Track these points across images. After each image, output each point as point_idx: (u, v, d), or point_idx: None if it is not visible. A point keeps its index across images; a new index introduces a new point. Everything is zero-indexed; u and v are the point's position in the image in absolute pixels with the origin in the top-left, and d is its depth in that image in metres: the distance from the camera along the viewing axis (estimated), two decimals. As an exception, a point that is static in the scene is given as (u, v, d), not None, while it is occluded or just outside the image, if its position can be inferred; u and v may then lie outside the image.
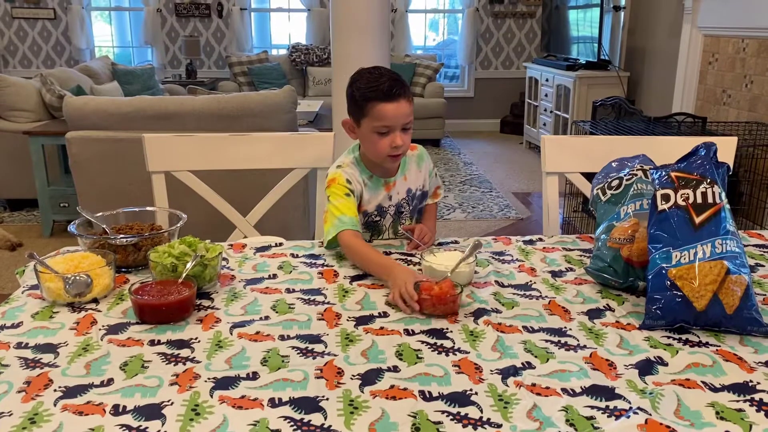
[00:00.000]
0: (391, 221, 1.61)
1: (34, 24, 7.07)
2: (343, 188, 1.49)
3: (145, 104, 3.12)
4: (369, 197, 1.56)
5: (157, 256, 1.23)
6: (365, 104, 1.46)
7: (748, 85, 3.90)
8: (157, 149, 1.70)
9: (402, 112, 1.45)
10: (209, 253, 1.27)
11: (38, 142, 3.73)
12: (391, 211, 1.60)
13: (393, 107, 1.44)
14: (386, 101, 1.44)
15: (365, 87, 1.46)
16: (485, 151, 6.53)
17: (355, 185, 1.52)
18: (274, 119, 3.15)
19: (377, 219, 1.59)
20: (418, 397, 0.91)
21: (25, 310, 1.17)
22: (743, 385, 0.94)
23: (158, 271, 1.22)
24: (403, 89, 1.46)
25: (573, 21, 6.12)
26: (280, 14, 7.57)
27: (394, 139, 1.46)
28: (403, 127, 1.47)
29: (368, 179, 1.56)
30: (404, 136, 1.47)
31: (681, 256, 1.11)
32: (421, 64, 6.84)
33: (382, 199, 1.58)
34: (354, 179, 1.52)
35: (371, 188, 1.56)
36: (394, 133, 1.46)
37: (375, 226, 1.60)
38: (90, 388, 0.93)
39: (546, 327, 1.12)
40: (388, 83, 1.44)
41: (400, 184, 1.60)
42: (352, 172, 1.53)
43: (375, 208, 1.58)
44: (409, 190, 1.62)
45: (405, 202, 1.61)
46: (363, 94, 1.46)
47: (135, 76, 5.91)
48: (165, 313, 1.12)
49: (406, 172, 1.61)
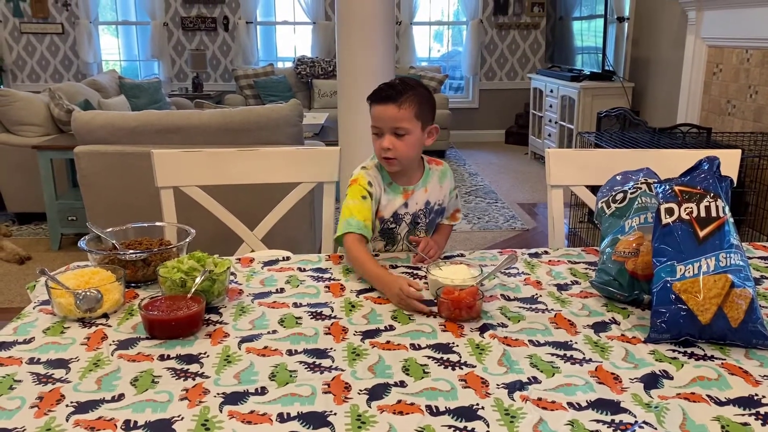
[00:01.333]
0: (406, 231, 1.62)
1: (43, 39, 7.14)
2: (362, 190, 1.54)
3: (153, 118, 3.15)
4: (386, 203, 1.59)
5: (166, 272, 1.25)
6: (369, 107, 1.56)
7: (753, 96, 3.91)
8: (166, 164, 1.72)
9: (387, 115, 1.50)
10: (218, 267, 1.29)
11: (47, 157, 3.77)
12: (407, 219, 1.61)
13: (380, 108, 1.51)
14: (377, 103, 1.52)
15: (373, 90, 1.56)
16: (490, 161, 6.54)
17: (376, 188, 1.56)
18: (280, 132, 3.17)
19: (392, 226, 1.61)
20: (425, 411, 0.91)
21: (37, 326, 1.18)
22: (749, 398, 0.94)
23: (167, 286, 1.24)
24: (394, 93, 1.50)
25: (577, 32, 6.14)
26: (286, 27, 7.63)
27: (383, 141, 1.51)
28: (395, 132, 1.51)
29: (388, 186, 1.60)
30: (395, 140, 1.51)
31: (685, 269, 1.12)
32: (426, 76, 6.87)
33: (399, 206, 1.60)
34: (376, 182, 1.57)
35: (389, 194, 1.59)
36: (383, 136, 1.52)
37: (390, 234, 1.62)
38: (101, 403, 0.94)
39: (552, 341, 1.12)
40: (383, 86, 1.53)
41: (420, 194, 1.62)
42: (375, 175, 1.58)
43: (391, 215, 1.60)
44: (427, 202, 1.63)
45: (422, 214, 1.63)
46: (368, 97, 1.56)
47: (142, 90, 5.96)
48: (174, 328, 1.13)
49: (427, 184, 1.63)
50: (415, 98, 1.51)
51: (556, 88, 6.00)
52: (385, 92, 1.51)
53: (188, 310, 1.15)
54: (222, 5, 7.20)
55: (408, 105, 1.50)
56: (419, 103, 1.52)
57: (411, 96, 1.51)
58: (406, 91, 1.50)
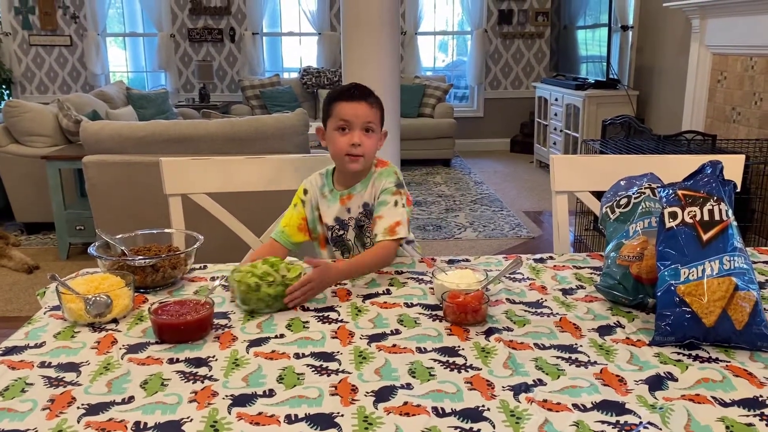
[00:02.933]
0: (355, 235, 1.64)
1: (51, 51, 7.22)
2: (296, 197, 1.67)
3: (160, 128, 3.18)
4: (326, 209, 1.64)
5: (241, 276, 1.27)
6: (330, 106, 1.60)
7: (758, 103, 3.91)
8: (174, 173, 1.74)
9: (361, 112, 1.56)
10: (290, 272, 1.31)
11: (55, 167, 3.80)
12: (351, 224, 1.63)
13: (352, 105, 1.56)
14: (346, 100, 1.57)
15: (332, 91, 1.63)
16: (495, 170, 6.56)
17: (311, 195, 1.65)
18: (287, 141, 3.20)
19: (341, 233, 1.64)
20: (431, 413, 0.92)
21: (48, 330, 1.20)
22: (753, 400, 0.95)
23: (242, 290, 1.25)
24: (364, 93, 1.59)
25: (581, 41, 6.17)
26: (292, 38, 7.69)
27: (353, 137, 1.55)
28: (365, 128, 1.56)
29: (328, 192, 1.65)
30: (364, 136, 1.56)
31: (689, 272, 1.12)
32: (431, 86, 6.91)
33: (339, 211, 1.63)
34: (312, 189, 1.66)
35: (329, 200, 1.65)
36: (353, 132, 1.55)
37: (341, 241, 1.64)
38: (112, 405, 0.95)
39: (557, 344, 1.13)
40: (349, 86, 1.60)
41: (358, 197, 1.62)
42: (314, 182, 1.67)
43: (334, 221, 1.63)
44: (365, 204, 1.62)
45: (363, 216, 1.62)
46: (329, 96, 1.62)
47: (149, 101, 6.01)
48: (184, 332, 1.15)
49: (367, 186, 1.62)
50: (378, 102, 1.61)
51: (560, 96, 6.01)
52: (356, 90, 1.58)
53: (197, 314, 1.17)
54: (228, 17, 7.27)
55: (376, 106, 1.60)
56: (381, 108, 1.62)
57: (376, 99, 1.61)
58: (369, 92, 1.60)
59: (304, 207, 1.64)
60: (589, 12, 5.93)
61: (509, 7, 7.36)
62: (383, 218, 1.53)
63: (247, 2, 7.21)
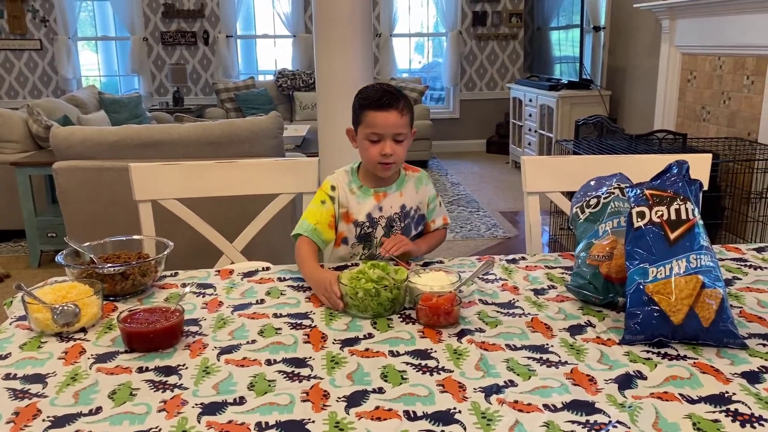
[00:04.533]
0: (383, 234, 1.63)
1: (21, 55, 7.10)
2: (323, 194, 1.60)
3: (132, 133, 3.14)
4: (358, 206, 1.61)
5: (355, 284, 1.26)
6: (360, 112, 1.57)
7: (726, 102, 3.98)
8: (144, 178, 1.72)
9: (391, 122, 1.53)
10: (398, 275, 1.32)
11: (25, 173, 3.73)
12: (382, 222, 1.62)
13: (382, 116, 1.53)
14: (376, 110, 1.53)
15: (362, 97, 1.57)
16: (472, 171, 6.59)
17: (339, 192, 1.60)
18: (261, 145, 3.18)
19: (369, 230, 1.62)
20: (402, 417, 0.92)
21: (13, 342, 1.18)
22: (720, 396, 0.96)
23: (359, 297, 1.24)
24: (394, 100, 1.54)
25: (555, 42, 6.22)
26: (266, 40, 7.65)
27: (384, 147, 1.53)
28: (395, 138, 1.54)
29: (358, 188, 1.62)
30: (395, 146, 1.54)
31: (657, 271, 1.14)
32: (407, 87, 6.92)
33: (372, 209, 1.61)
34: (340, 185, 1.61)
35: (360, 197, 1.62)
36: (384, 142, 1.53)
37: (367, 238, 1.63)
38: (78, 417, 0.94)
39: (528, 344, 1.14)
40: (380, 93, 1.54)
41: (394, 197, 1.63)
42: (340, 178, 1.62)
43: (366, 218, 1.61)
44: (403, 206, 1.64)
45: (397, 218, 1.64)
46: (359, 102, 1.57)
47: (122, 105, 5.94)
48: (153, 341, 1.13)
49: (402, 188, 1.65)
50: (408, 104, 1.58)
51: (534, 97, 6.06)
52: (386, 99, 1.53)
53: (167, 322, 1.15)
54: (202, 19, 7.21)
55: (406, 111, 1.56)
56: (410, 108, 1.58)
57: (405, 102, 1.56)
58: (401, 97, 1.56)
59: (333, 203, 1.59)
60: (562, 13, 5.98)
61: (483, 9, 7.41)
62: (438, 215, 1.72)
63: (220, 5, 7.16)
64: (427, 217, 1.71)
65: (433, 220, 1.72)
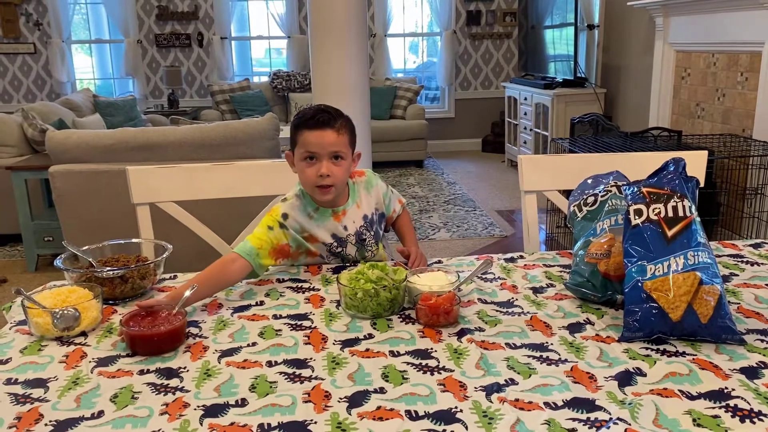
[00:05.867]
0: (356, 250, 1.60)
1: (14, 59, 7.08)
2: (272, 220, 1.50)
3: (128, 136, 3.14)
4: (318, 230, 1.55)
5: (354, 284, 1.26)
6: (296, 133, 1.51)
7: (720, 99, 4.00)
8: (141, 181, 1.72)
9: (327, 140, 1.47)
10: (397, 275, 1.31)
11: (21, 177, 3.73)
12: (351, 240, 1.59)
13: (317, 134, 1.47)
14: (311, 128, 1.47)
15: (297, 116, 1.51)
16: (468, 170, 6.60)
17: (292, 221, 1.52)
18: (257, 147, 3.18)
19: (339, 250, 1.58)
20: (404, 417, 0.93)
21: (14, 346, 1.18)
22: (719, 392, 0.97)
23: (359, 298, 1.24)
24: (330, 118, 1.48)
25: (549, 40, 6.24)
26: (261, 42, 7.65)
27: (320, 167, 1.47)
28: (333, 156, 1.48)
29: (314, 211, 1.55)
30: (332, 166, 1.48)
31: (655, 269, 1.14)
32: (402, 87, 6.93)
33: (335, 229, 1.56)
34: (294, 214, 1.53)
35: (318, 219, 1.55)
36: (320, 162, 1.47)
37: (340, 255, 1.60)
38: (81, 421, 0.94)
39: (528, 343, 1.14)
40: (314, 112, 1.49)
41: (353, 212, 1.59)
42: (294, 206, 1.54)
43: (332, 239, 1.56)
44: (365, 216, 1.60)
45: (364, 229, 1.60)
46: (294, 123, 1.52)
47: (117, 108, 5.93)
48: (157, 344, 1.13)
49: (357, 200, 1.60)
50: (347, 125, 1.52)
51: (530, 95, 6.07)
52: (321, 117, 1.47)
53: (170, 325, 1.15)
54: (196, 21, 7.20)
55: (344, 131, 1.50)
56: (350, 129, 1.53)
57: (344, 122, 1.51)
58: (340, 117, 1.50)
59: (286, 232, 1.51)
60: (556, 11, 6.00)
61: (477, 8, 7.42)
62: (394, 203, 1.71)
63: (214, 7, 7.15)
64: (387, 212, 1.69)
65: (393, 211, 1.71)
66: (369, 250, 1.62)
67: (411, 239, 1.69)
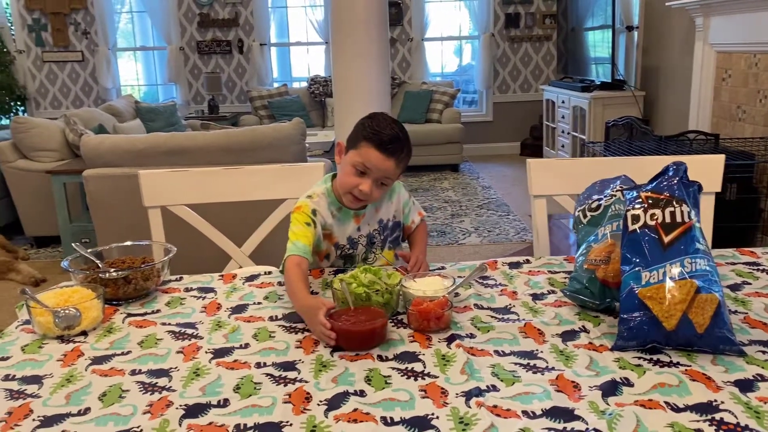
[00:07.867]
0: (364, 251, 1.62)
1: (64, 67, 7.34)
2: (306, 217, 1.51)
3: (159, 141, 3.22)
4: (339, 229, 1.57)
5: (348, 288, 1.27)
6: (362, 141, 1.49)
7: (762, 100, 3.86)
8: (152, 185, 1.76)
9: (384, 167, 1.47)
10: (391, 279, 1.33)
11: (60, 181, 3.86)
12: (362, 242, 1.60)
13: (380, 158, 1.47)
14: (378, 150, 1.47)
15: (372, 129, 1.49)
16: (504, 174, 6.53)
17: (320, 218, 1.53)
18: (283, 151, 3.22)
19: (350, 251, 1.60)
20: (379, 421, 0.92)
21: (16, 344, 1.22)
22: (707, 404, 0.93)
23: (352, 302, 1.25)
24: (398, 150, 1.48)
25: (589, 42, 6.13)
26: (300, 48, 7.74)
27: (365, 184, 1.48)
28: (380, 181, 1.50)
29: (337, 210, 1.57)
30: (375, 189, 1.50)
31: (650, 276, 1.11)
32: (438, 91, 6.91)
33: (352, 231, 1.59)
34: (321, 211, 1.54)
35: (340, 220, 1.57)
36: (368, 179, 1.48)
37: (349, 257, 1.62)
38: (67, 417, 0.96)
39: (517, 350, 1.12)
40: (390, 137, 1.47)
41: (371, 215, 1.61)
42: (320, 203, 1.55)
43: (346, 241, 1.59)
44: (380, 221, 1.62)
45: (376, 233, 1.62)
46: (367, 133, 1.49)
47: (157, 113, 6.08)
48: (363, 341, 1.15)
49: (377, 204, 1.61)
50: (408, 155, 1.53)
51: (567, 98, 5.98)
52: (392, 144, 1.47)
53: (374, 323, 1.16)
54: (236, 28, 7.34)
55: (403, 164, 1.52)
56: (409, 157, 1.54)
57: (407, 154, 1.52)
58: (406, 146, 1.51)
59: (315, 229, 1.52)
60: (596, 13, 5.89)
61: (516, 11, 7.34)
62: (413, 215, 1.70)
63: (254, 14, 7.27)
64: (405, 221, 1.68)
65: (412, 222, 1.69)
66: (373, 252, 1.63)
67: (420, 248, 1.66)
